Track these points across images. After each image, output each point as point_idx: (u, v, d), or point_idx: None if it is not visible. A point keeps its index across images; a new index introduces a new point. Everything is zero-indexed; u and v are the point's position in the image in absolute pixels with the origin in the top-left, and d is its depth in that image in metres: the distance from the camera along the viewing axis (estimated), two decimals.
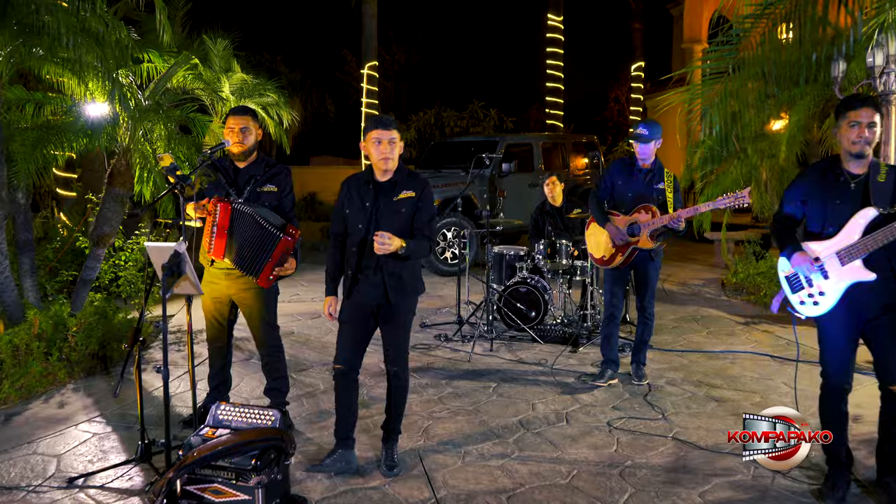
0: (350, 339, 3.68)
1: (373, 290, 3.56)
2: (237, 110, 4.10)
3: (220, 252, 3.90)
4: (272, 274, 3.93)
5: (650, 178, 5.00)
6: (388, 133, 3.50)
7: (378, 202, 3.55)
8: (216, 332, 4.27)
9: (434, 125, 22.05)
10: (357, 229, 3.57)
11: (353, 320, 3.66)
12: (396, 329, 3.70)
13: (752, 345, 6.29)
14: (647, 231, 4.91)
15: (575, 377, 5.34)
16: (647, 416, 4.52)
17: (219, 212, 3.88)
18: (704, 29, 18.80)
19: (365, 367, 5.18)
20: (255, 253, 3.90)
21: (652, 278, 5.09)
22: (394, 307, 3.61)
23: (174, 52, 7.69)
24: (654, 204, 4.92)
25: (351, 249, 3.61)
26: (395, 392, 3.80)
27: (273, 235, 3.85)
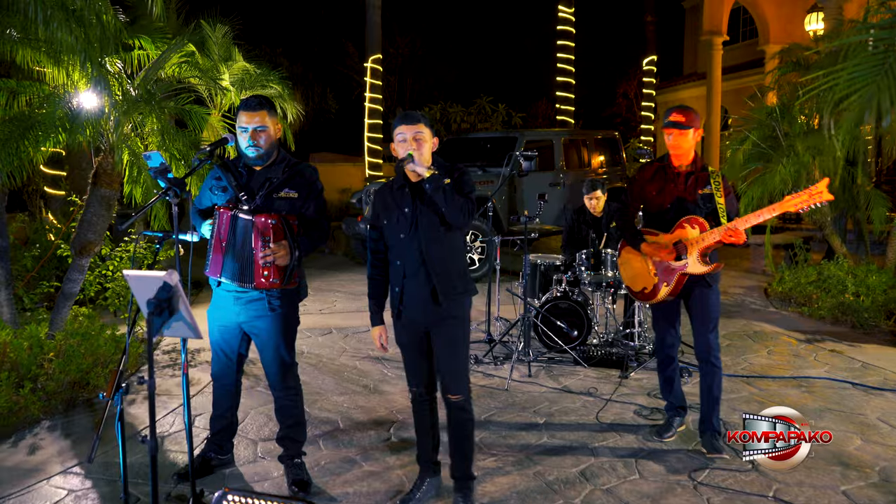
0: (414, 362, 3.38)
1: (420, 301, 3.17)
2: (250, 103, 3.32)
3: (216, 269, 3.18)
4: (264, 268, 3.18)
5: (693, 181, 3.93)
6: (413, 128, 3.13)
7: (417, 206, 3.17)
8: (223, 367, 3.52)
9: (440, 121, 21.26)
10: (399, 240, 3.20)
11: (412, 344, 3.33)
12: (451, 345, 3.25)
13: (824, 368, 5.55)
14: (696, 252, 3.86)
15: (634, 412, 4.60)
16: (735, 467, 3.77)
17: (219, 221, 3.15)
18: (725, 20, 18.02)
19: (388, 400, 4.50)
20: (243, 255, 3.20)
21: (713, 308, 3.97)
22: (444, 316, 3.19)
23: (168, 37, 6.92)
24: (701, 215, 3.89)
25: (395, 264, 3.24)
26: (458, 428, 3.34)
27: (244, 224, 3.19)
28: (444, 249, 3.17)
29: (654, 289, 4.08)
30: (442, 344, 3.25)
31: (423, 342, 3.31)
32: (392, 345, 3.43)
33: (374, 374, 5.41)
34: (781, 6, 17.47)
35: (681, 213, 3.94)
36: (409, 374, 3.42)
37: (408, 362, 3.40)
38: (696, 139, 3.90)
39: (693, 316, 4.02)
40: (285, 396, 3.53)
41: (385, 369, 5.51)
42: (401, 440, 4.16)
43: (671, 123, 3.87)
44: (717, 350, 3.96)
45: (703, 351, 3.98)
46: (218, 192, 3.38)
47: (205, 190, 3.44)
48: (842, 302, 7.13)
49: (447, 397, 3.29)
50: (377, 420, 4.47)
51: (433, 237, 3.14)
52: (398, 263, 3.21)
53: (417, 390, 3.40)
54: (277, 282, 3.22)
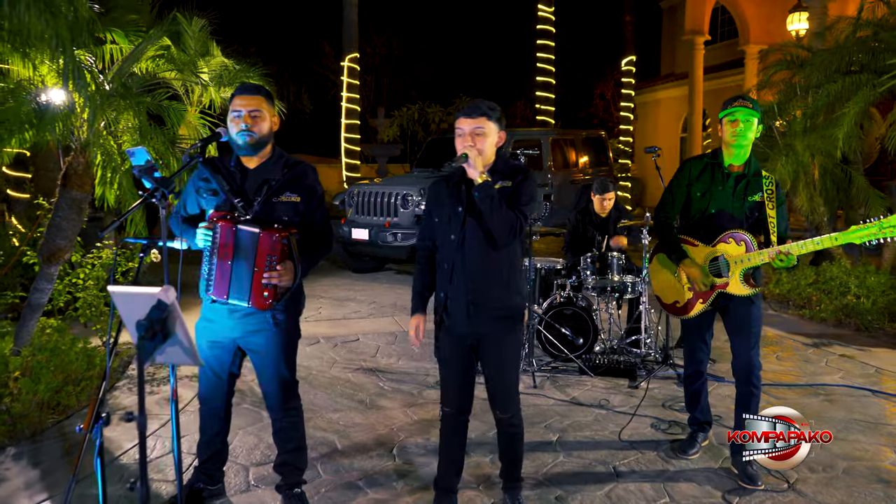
0: (453, 380, 3.10)
1: (464, 312, 2.92)
2: (246, 88, 3.02)
3: (222, 290, 2.81)
4: (265, 289, 2.84)
5: (744, 186, 3.52)
6: (472, 122, 2.84)
7: (469, 206, 2.89)
8: (212, 387, 3.15)
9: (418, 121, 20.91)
10: (448, 241, 2.95)
11: (453, 360, 3.05)
12: (499, 361, 3.02)
13: (839, 375, 5.33)
14: (739, 271, 3.48)
15: (651, 425, 4.33)
16: (771, 487, 3.50)
17: (219, 233, 2.78)
18: (707, 20, 17.97)
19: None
20: (242, 270, 2.84)
21: (755, 322, 3.57)
22: (491, 330, 2.96)
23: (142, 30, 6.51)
24: (747, 227, 3.53)
25: (442, 266, 2.98)
26: (508, 440, 3.16)
27: (249, 237, 2.82)
28: (489, 261, 2.90)
29: (688, 304, 3.74)
30: (490, 360, 3.01)
31: (467, 358, 3.04)
32: (388, 355, 3.12)
33: (370, 387, 5.06)
34: (761, 6, 17.46)
35: (724, 221, 3.57)
36: (445, 392, 3.12)
37: (447, 379, 3.11)
38: (755, 135, 3.51)
39: (732, 330, 3.66)
40: (285, 418, 3.18)
41: (381, 382, 5.17)
42: (406, 462, 3.83)
43: (740, 106, 3.44)
44: (758, 369, 3.59)
45: (744, 370, 3.60)
46: (207, 194, 3.01)
47: (189, 193, 3.07)
48: (845, 304, 6.95)
49: (498, 412, 3.09)
50: (378, 440, 4.13)
51: (478, 247, 2.88)
52: (445, 267, 2.95)
53: (450, 410, 3.11)
54: (275, 303, 2.87)
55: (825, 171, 7.77)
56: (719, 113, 3.62)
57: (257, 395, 4.67)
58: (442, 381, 3.14)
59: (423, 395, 4.88)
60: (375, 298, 8.30)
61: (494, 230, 2.81)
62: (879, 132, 8.56)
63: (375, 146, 19.28)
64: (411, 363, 5.62)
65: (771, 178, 3.59)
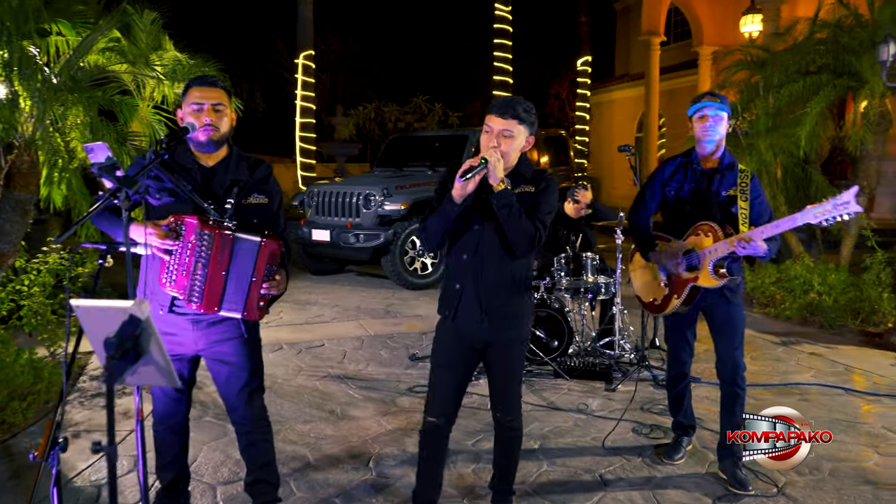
0: (448, 386, 2.92)
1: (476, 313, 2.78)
2: (206, 80, 2.76)
3: (212, 303, 2.58)
4: (261, 299, 2.66)
5: (717, 181, 3.47)
6: (502, 122, 2.66)
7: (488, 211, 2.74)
8: (170, 405, 2.90)
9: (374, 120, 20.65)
10: (471, 232, 2.77)
11: (454, 365, 2.89)
12: (510, 367, 2.92)
13: (811, 373, 5.34)
14: (708, 262, 3.42)
15: (633, 430, 4.23)
16: (761, 492, 3.43)
17: (210, 242, 2.55)
18: (662, 21, 18.17)
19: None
20: (238, 281, 2.62)
21: (738, 322, 3.53)
22: (500, 341, 2.85)
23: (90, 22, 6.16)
24: (718, 221, 3.44)
25: (461, 257, 2.80)
26: (507, 443, 3.05)
27: (250, 245, 2.61)
28: (504, 268, 2.77)
29: (665, 300, 3.65)
30: (500, 365, 2.90)
31: (470, 364, 2.92)
32: (356, 361, 2.95)
33: (339, 396, 4.85)
34: (715, 8, 17.73)
35: (697, 217, 3.50)
36: (436, 401, 2.93)
37: (440, 386, 2.93)
38: (729, 129, 3.47)
39: (716, 332, 3.58)
40: (256, 432, 2.95)
41: (350, 390, 4.96)
42: (383, 475, 3.64)
43: (707, 104, 3.39)
44: (743, 370, 3.52)
45: (729, 371, 3.52)
46: (161, 195, 2.74)
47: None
48: (809, 302, 7.02)
49: (499, 415, 2.98)
50: (352, 452, 3.93)
51: (495, 253, 2.74)
52: (464, 258, 2.78)
53: (437, 421, 2.93)
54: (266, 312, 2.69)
55: (786, 170, 7.85)
56: (689, 110, 3.57)
57: (220, 406, 4.40)
58: (433, 389, 2.95)
59: (396, 403, 4.69)
60: (338, 301, 8.06)
61: (511, 240, 2.67)
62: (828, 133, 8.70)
63: (334, 145, 18.95)
64: (381, 369, 5.43)
65: (746, 172, 3.51)
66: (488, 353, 2.88)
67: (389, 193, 8.70)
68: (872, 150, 7.61)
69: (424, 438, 3.00)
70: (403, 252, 8.67)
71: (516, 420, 2.98)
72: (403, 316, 7.37)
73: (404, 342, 6.23)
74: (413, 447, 3.94)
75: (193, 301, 2.62)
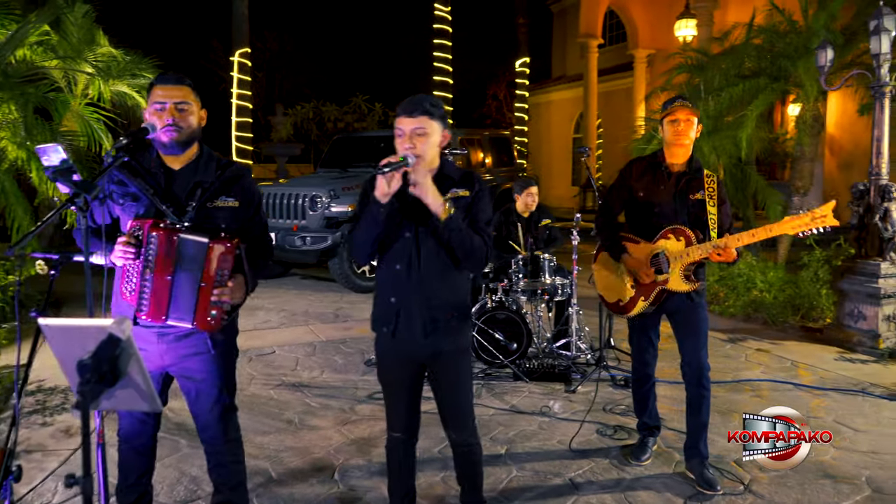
0: (401, 402, 2.79)
1: (420, 328, 2.62)
2: (168, 77, 2.59)
3: (158, 311, 2.40)
4: (213, 307, 2.48)
5: (685, 184, 3.49)
6: (412, 121, 2.53)
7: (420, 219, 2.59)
8: (136, 423, 2.71)
9: (312, 120, 20.30)
10: (403, 239, 2.61)
11: (402, 381, 2.76)
12: (457, 381, 2.77)
13: (761, 370, 5.48)
14: (679, 267, 3.44)
15: (597, 431, 4.23)
16: (729, 491, 3.47)
17: (155, 244, 2.38)
18: (600, 23, 18.49)
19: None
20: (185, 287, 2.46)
21: (702, 323, 3.54)
22: (446, 352, 2.69)
23: (16, 14, 5.83)
24: (687, 224, 3.47)
25: (394, 267, 2.62)
26: (467, 461, 2.90)
27: (196, 247, 2.44)
28: (447, 272, 2.65)
29: (631, 302, 3.66)
30: (447, 380, 2.74)
31: (418, 378, 2.78)
32: (309, 368, 2.83)
33: (296, 405, 4.69)
34: (649, 12, 18.16)
35: (666, 219, 3.51)
36: (393, 417, 2.83)
37: (394, 403, 2.81)
38: (697, 133, 3.49)
39: (680, 333, 3.60)
40: (226, 451, 2.79)
41: (307, 398, 4.80)
42: (351, 488, 3.52)
43: (679, 108, 3.39)
44: (708, 370, 3.56)
45: (695, 372, 3.55)
46: (124, 200, 2.57)
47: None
48: (752, 299, 7.22)
49: (452, 436, 2.83)
50: (316, 464, 3.79)
51: (434, 258, 2.60)
52: (397, 268, 2.61)
53: (400, 436, 2.81)
54: (223, 323, 2.51)
55: (726, 171, 8.07)
56: (660, 114, 3.59)
57: (170, 419, 4.23)
58: (389, 406, 2.84)
59: (356, 411, 4.57)
60: (285, 306, 7.85)
61: (463, 261, 2.60)
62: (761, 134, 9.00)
63: (275, 145, 18.52)
64: (337, 376, 5.29)
65: (713, 177, 3.57)
66: (434, 366, 2.74)
67: (336, 195, 8.52)
68: (808, 152, 7.89)
69: (391, 454, 2.90)
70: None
71: (473, 435, 2.84)
72: (354, 320, 7.22)
73: (358, 347, 6.09)
74: (379, 457, 3.84)
75: (142, 309, 2.46)
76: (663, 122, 3.51)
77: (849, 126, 12.12)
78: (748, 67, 8.17)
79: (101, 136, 6.26)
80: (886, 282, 5.86)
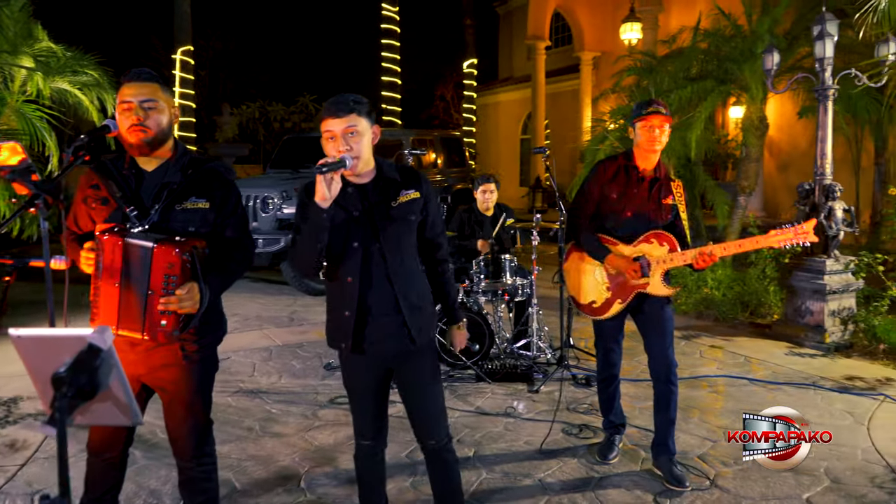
0: (368, 409, 2.71)
1: (389, 335, 2.54)
2: (135, 74, 2.42)
3: (109, 320, 2.27)
4: (162, 317, 2.32)
5: (658, 189, 3.51)
6: (341, 122, 2.40)
7: (371, 209, 2.52)
8: (108, 436, 2.57)
9: (258, 119, 19.92)
10: (351, 249, 2.49)
11: (370, 387, 2.67)
12: (428, 383, 2.68)
13: (716, 366, 5.60)
14: (660, 272, 3.48)
15: (563, 430, 4.24)
16: (697, 486, 3.51)
17: (102, 249, 2.25)
18: (547, 26, 18.68)
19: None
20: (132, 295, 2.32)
21: (669, 321, 3.58)
22: (417, 354, 2.62)
23: None
24: (659, 228, 3.48)
25: (345, 280, 2.51)
26: (445, 470, 2.77)
27: (140, 252, 2.29)
28: (411, 270, 2.58)
29: (606, 304, 3.64)
30: (418, 382, 2.66)
31: (385, 383, 2.70)
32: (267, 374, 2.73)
33: (256, 411, 4.57)
34: (595, 15, 18.44)
35: (641, 223, 3.51)
36: (362, 425, 2.73)
37: (361, 410, 2.72)
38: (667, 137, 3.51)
39: (648, 331, 3.62)
40: (198, 467, 2.66)
41: (267, 405, 4.68)
42: (319, 497, 3.43)
43: (656, 111, 3.39)
44: (675, 367, 3.60)
45: (663, 369, 3.57)
46: (97, 204, 2.43)
47: (78, 204, 2.47)
48: (704, 297, 7.39)
49: (426, 443, 2.70)
50: (281, 473, 3.69)
51: (397, 256, 2.52)
52: (349, 281, 2.50)
53: (370, 443, 2.73)
54: (176, 334, 2.36)
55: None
56: (632, 117, 3.57)
57: None
58: (356, 413, 2.74)
59: (319, 417, 4.47)
60: (237, 311, 7.65)
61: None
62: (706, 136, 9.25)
63: (221, 145, 18.08)
64: (296, 381, 5.18)
65: (679, 183, 3.61)
66: (401, 371, 2.66)
67: (289, 196, 8.37)
68: (754, 153, 8.12)
69: (360, 462, 2.81)
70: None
71: (449, 440, 2.75)
72: (310, 323, 7.09)
73: (315, 351, 5.98)
74: (347, 463, 3.77)
75: (94, 318, 2.33)
76: (636, 125, 3.50)
77: (787, 128, 12.54)
78: (696, 70, 8.36)
79: (45, 135, 5.99)
80: (831, 278, 6.06)
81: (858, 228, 6.30)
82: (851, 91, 7.37)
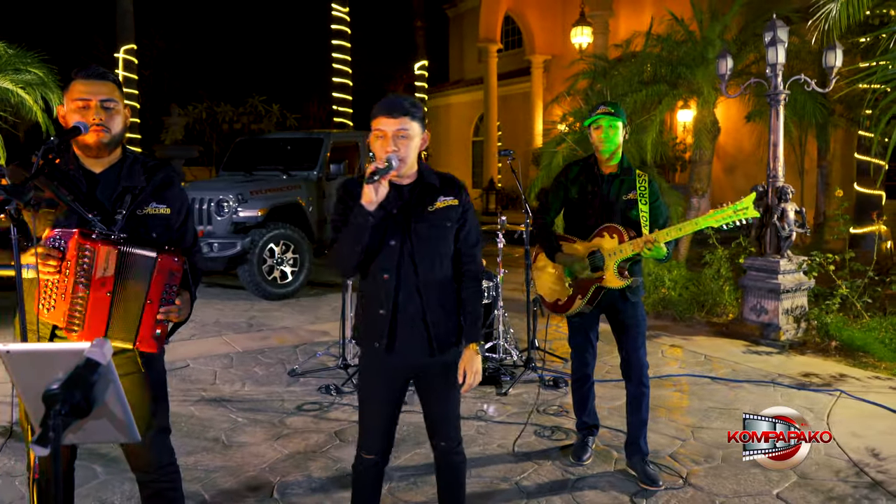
0: (383, 421, 2.63)
1: (419, 343, 2.51)
2: (91, 71, 2.32)
3: (96, 332, 2.16)
4: (157, 326, 2.29)
5: (618, 185, 3.60)
6: (394, 122, 2.38)
7: (408, 209, 2.49)
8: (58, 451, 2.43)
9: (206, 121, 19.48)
10: (389, 247, 2.46)
11: (388, 396, 2.61)
12: (445, 390, 2.64)
13: (678, 364, 5.69)
14: (614, 264, 3.52)
15: (535, 433, 4.24)
16: (670, 485, 3.56)
17: (93, 258, 2.14)
18: (499, 28, 18.79)
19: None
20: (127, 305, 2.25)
21: (640, 322, 3.65)
22: (440, 361, 2.57)
23: None
24: (620, 223, 3.55)
25: (381, 277, 2.47)
26: (454, 471, 2.77)
27: (143, 262, 2.25)
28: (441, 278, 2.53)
29: (569, 300, 3.71)
30: (440, 389, 2.62)
31: (401, 393, 2.65)
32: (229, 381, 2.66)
33: (220, 421, 4.43)
34: (545, 18, 18.65)
35: (603, 219, 3.58)
36: (372, 437, 2.64)
37: (372, 423, 2.64)
38: (625, 136, 3.58)
39: (619, 332, 3.68)
40: (161, 479, 2.55)
41: (232, 413, 4.55)
42: None
43: (602, 114, 3.49)
44: (647, 368, 3.66)
45: (635, 370, 3.62)
46: (38, 206, 2.30)
47: None
48: (662, 297, 7.52)
49: (438, 444, 2.69)
50: (251, 483, 3.59)
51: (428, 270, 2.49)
52: (385, 279, 2.46)
53: (374, 458, 2.64)
54: (166, 343, 2.29)
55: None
56: (585, 121, 3.69)
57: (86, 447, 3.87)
58: (365, 426, 2.66)
59: (287, 424, 4.37)
60: (194, 316, 7.24)
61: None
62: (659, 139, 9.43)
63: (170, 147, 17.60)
64: (260, 388, 5.05)
65: (644, 177, 3.66)
66: (424, 379, 2.63)
67: (244, 199, 8.18)
68: (706, 156, 8.31)
69: (361, 477, 2.71)
70: (262, 261, 8.20)
71: (460, 443, 2.76)
72: (270, 329, 6.95)
73: (278, 357, 5.86)
74: (319, 471, 3.71)
75: (74, 329, 2.21)
76: (590, 128, 3.62)
77: (733, 131, 12.88)
78: (649, 74, 8.51)
79: None
80: (785, 277, 6.24)
81: (809, 230, 6.49)
82: (799, 95, 7.62)
